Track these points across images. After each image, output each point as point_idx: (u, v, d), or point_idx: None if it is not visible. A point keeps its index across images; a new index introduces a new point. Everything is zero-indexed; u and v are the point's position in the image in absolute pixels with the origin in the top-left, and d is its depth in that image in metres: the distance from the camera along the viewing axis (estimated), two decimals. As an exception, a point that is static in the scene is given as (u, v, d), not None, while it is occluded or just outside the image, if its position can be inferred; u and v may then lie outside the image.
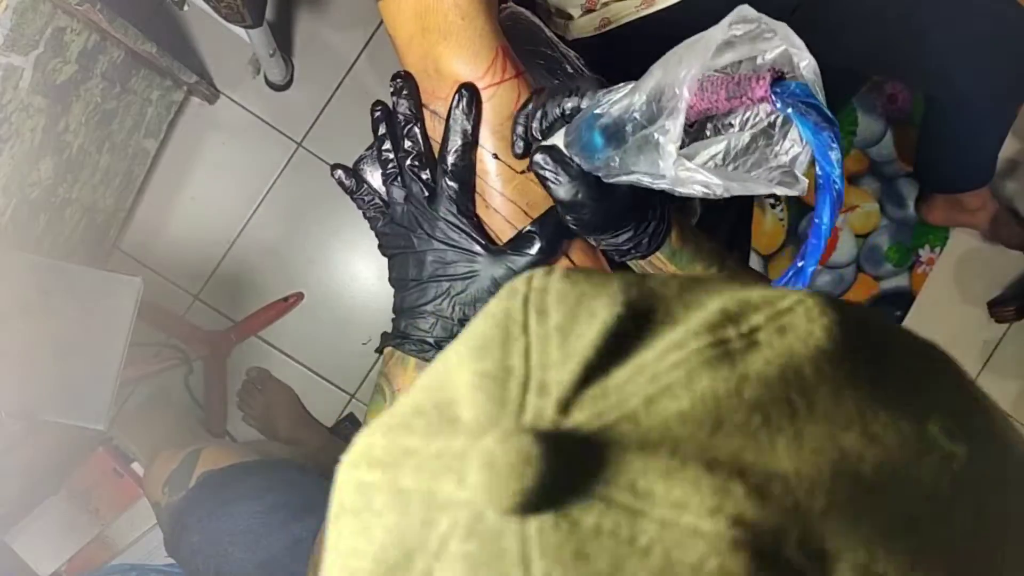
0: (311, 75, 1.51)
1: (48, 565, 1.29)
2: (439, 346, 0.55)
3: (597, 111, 0.44)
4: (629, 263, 0.57)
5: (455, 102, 0.54)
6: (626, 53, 0.90)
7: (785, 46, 0.36)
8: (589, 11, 0.87)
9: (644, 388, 0.22)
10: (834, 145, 0.35)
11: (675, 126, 0.36)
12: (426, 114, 0.59)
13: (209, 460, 0.87)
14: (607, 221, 0.51)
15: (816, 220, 0.37)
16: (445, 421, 0.23)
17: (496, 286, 0.54)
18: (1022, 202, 1.67)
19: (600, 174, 0.47)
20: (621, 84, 0.44)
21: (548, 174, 0.49)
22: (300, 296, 1.51)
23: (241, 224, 1.51)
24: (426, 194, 0.55)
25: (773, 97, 0.36)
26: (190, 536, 0.78)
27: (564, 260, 0.57)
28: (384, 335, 0.58)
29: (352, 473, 0.24)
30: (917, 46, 0.99)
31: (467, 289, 0.54)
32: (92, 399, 1.00)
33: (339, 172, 0.59)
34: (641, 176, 0.41)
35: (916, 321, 1.66)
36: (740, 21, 0.37)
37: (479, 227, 0.55)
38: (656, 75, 0.39)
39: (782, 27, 0.37)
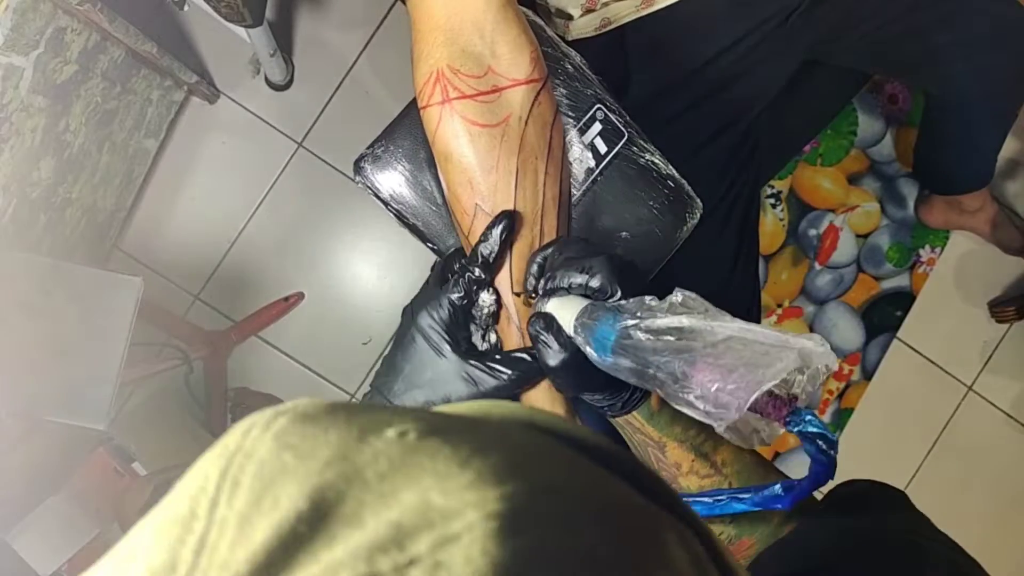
0: (311, 75, 1.51)
1: (48, 565, 1.28)
2: None
3: (624, 324, 0.46)
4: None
5: (495, 222, 0.56)
6: (626, 53, 0.90)
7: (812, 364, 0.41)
8: (589, 11, 0.86)
9: None
10: (827, 460, 0.42)
11: (719, 427, 0.41)
12: None
13: None
14: (583, 389, 0.54)
15: (804, 486, 0.44)
16: None
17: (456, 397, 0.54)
18: (1021, 203, 1.67)
19: (593, 360, 0.48)
20: (653, 302, 0.46)
21: (540, 339, 0.51)
22: (300, 296, 1.51)
23: (241, 224, 1.51)
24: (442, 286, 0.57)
25: (788, 423, 0.43)
26: None
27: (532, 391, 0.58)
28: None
29: None
30: (917, 45, 0.99)
31: (425, 390, 0.55)
32: (92, 399, 1.00)
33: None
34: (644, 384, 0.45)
35: (916, 321, 1.66)
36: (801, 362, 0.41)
37: (459, 332, 0.56)
38: (693, 342, 0.43)
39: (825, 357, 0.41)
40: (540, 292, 0.54)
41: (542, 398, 0.58)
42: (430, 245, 0.74)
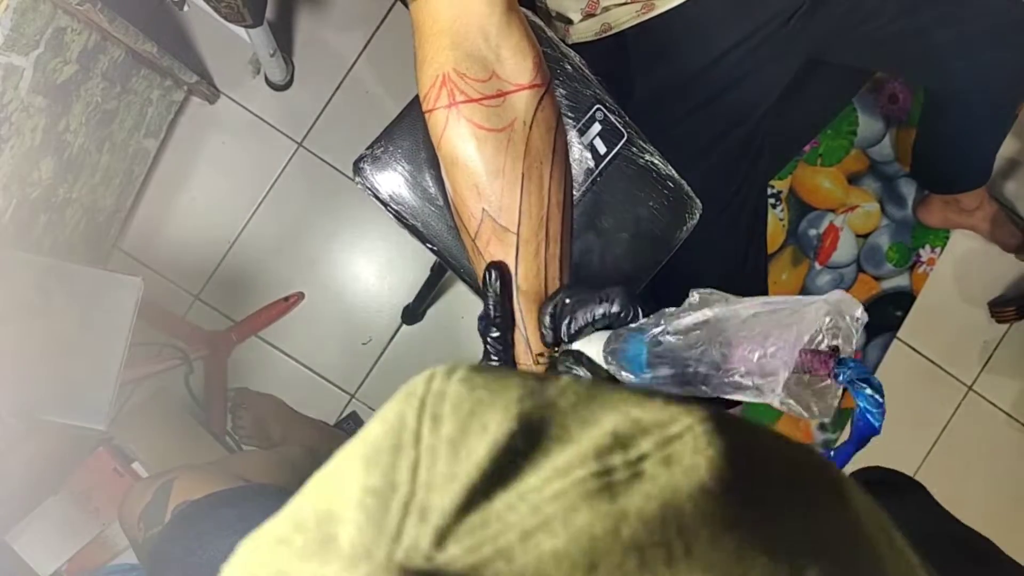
0: (311, 75, 1.51)
1: (48, 565, 1.29)
2: None
3: (651, 333, 0.47)
4: None
5: (490, 278, 0.57)
6: (628, 57, 0.90)
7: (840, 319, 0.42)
8: (589, 16, 0.86)
9: (523, 520, 0.20)
10: (878, 411, 0.42)
11: (774, 398, 0.41)
12: None
13: (183, 491, 0.84)
14: None
15: (848, 447, 0.44)
16: (322, 540, 0.22)
17: None
18: (1021, 203, 1.67)
19: (630, 382, 0.49)
20: (671, 310, 0.47)
21: (573, 374, 0.52)
22: (300, 296, 1.51)
23: (241, 224, 1.51)
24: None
25: (836, 375, 0.42)
26: (170, 572, 0.77)
27: None
28: None
29: None
30: (917, 44, 0.99)
31: None
32: (92, 399, 1.00)
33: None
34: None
35: (916, 321, 1.66)
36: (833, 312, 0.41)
37: None
38: (723, 327, 0.43)
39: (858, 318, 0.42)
40: (566, 339, 0.54)
41: None
42: (429, 246, 0.74)
